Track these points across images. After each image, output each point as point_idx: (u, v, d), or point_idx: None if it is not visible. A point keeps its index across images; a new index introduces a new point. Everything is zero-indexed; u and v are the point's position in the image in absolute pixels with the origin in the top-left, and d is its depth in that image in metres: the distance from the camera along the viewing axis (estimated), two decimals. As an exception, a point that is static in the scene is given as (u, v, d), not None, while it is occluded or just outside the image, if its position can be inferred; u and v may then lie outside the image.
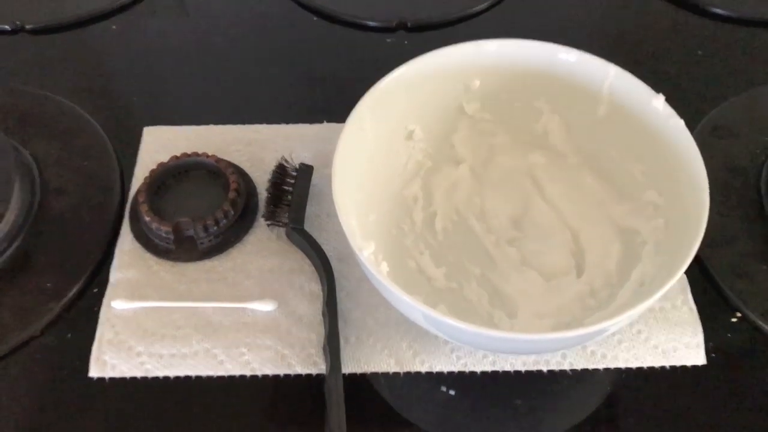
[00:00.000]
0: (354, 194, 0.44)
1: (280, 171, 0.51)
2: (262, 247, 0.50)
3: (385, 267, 0.42)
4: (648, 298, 0.37)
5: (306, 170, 0.52)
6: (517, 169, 0.51)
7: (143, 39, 0.64)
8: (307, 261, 0.49)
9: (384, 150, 0.48)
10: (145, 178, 0.51)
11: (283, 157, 0.52)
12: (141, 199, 0.49)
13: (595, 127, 0.49)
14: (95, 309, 0.47)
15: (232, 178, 0.50)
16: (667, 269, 0.39)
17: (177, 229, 0.48)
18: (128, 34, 0.64)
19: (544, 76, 0.49)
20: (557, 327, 0.43)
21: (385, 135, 0.48)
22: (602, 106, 0.48)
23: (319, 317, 0.46)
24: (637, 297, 0.40)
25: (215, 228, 0.49)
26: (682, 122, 0.43)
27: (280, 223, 0.49)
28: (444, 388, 0.43)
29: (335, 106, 0.57)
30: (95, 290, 0.48)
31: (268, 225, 0.49)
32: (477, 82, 0.49)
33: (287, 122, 0.56)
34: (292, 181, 0.51)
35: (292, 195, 0.50)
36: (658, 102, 0.44)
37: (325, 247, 0.48)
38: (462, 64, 0.49)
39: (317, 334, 0.45)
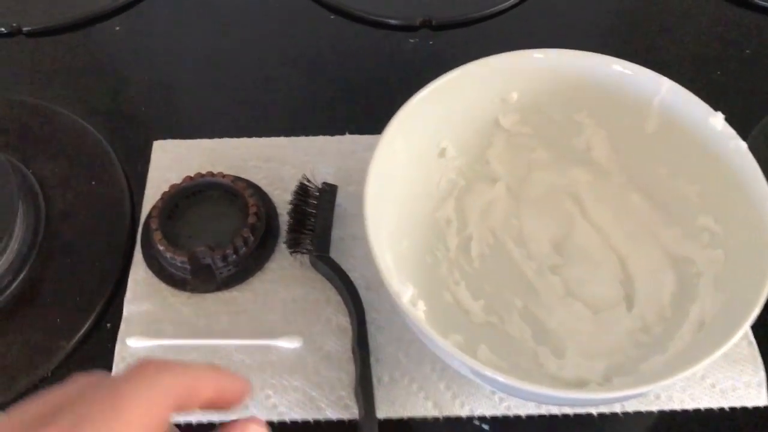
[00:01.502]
0: (387, 224, 0.40)
1: (302, 192, 0.47)
2: (284, 274, 0.46)
3: (422, 307, 0.39)
4: (714, 349, 0.33)
5: (329, 190, 0.48)
6: (556, 187, 0.47)
7: (150, 41, 0.60)
8: (334, 290, 0.46)
9: (415, 170, 0.44)
10: (157, 202, 0.47)
11: (304, 176, 0.48)
12: (153, 225, 0.46)
13: (642, 143, 0.45)
14: (109, 346, 0.44)
15: (251, 200, 0.47)
16: (732, 312, 0.35)
17: (193, 258, 0.45)
18: (133, 36, 0.60)
19: (588, 88, 0.45)
20: (610, 369, 0.39)
21: (417, 154, 0.44)
22: (651, 122, 0.44)
23: (349, 354, 0.43)
24: (699, 343, 0.37)
25: (234, 256, 0.45)
26: (744, 145, 0.40)
27: (304, 251, 0.46)
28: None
29: (358, 116, 0.54)
30: (108, 325, 0.45)
31: (291, 253, 0.46)
32: (515, 95, 0.46)
33: (306, 133, 0.53)
34: (315, 202, 0.47)
35: (315, 219, 0.47)
36: (716, 121, 0.41)
37: (353, 275, 0.45)
38: (500, 75, 0.45)
39: (347, 373, 0.42)
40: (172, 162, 0.51)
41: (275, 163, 0.51)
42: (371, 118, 0.53)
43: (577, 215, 0.46)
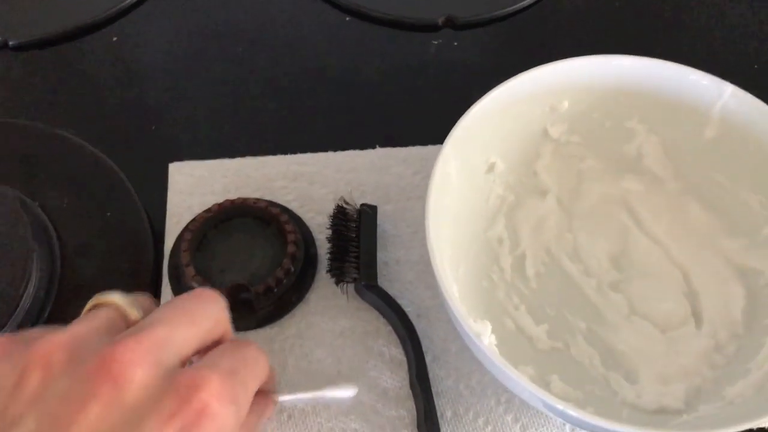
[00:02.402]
0: (446, 252, 0.38)
1: (341, 215, 0.44)
2: (328, 305, 0.43)
3: (493, 341, 0.36)
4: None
5: (370, 212, 0.45)
6: (609, 198, 0.45)
7: (152, 52, 0.55)
8: (382, 319, 0.43)
9: (466, 190, 0.42)
10: (185, 233, 0.43)
11: (342, 198, 0.45)
12: (184, 261, 0.42)
13: (699, 150, 0.43)
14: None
15: (288, 227, 0.43)
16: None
17: (231, 295, 0.42)
18: (133, 47, 0.55)
19: (640, 93, 0.43)
20: (689, 394, 0.38)
21: (468, 174, 0.41)
22: (710, 128, 0.42)
23: (407, 389, 0.40)
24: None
25: (276, 290, 0.42)
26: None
27: (350, 280, 0.43)
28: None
29: (387, 126, 0.51)
30: (141, 372, 0.41)
31: (337, 283, 0.43)
32: (566, 103, 0.43)
33: (334, 148, 0.49)
34: (355, 225, 0.44)
35: (358, 244, 0.44)
36: (784, 126, 0.39)
37: (400, 302, 0.42)
38: (550, 85, 0.42)
39: (408, 410, 0.40)
40: (192, 186, 0.47)
41: (304, 182, 0.48)
42: (402, 128, 0.51)
43: (633, 227, 0.44)
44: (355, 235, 0.44)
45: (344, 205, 0.45)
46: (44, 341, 0.26)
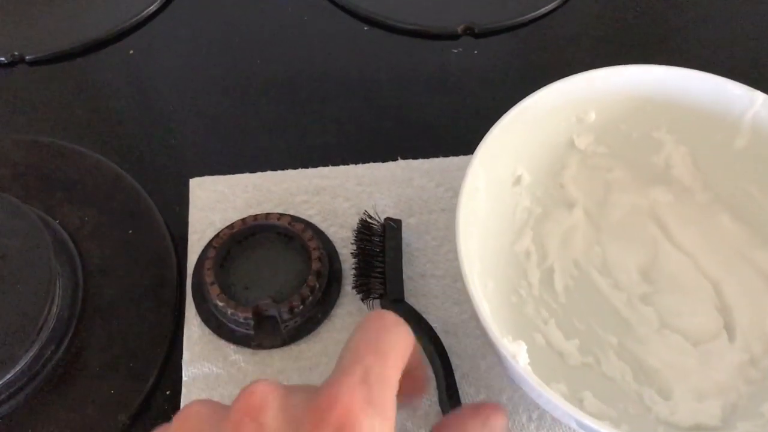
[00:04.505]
0: (476, 268, 0.37)
1: (365, 230, 0.44)
2: (353, 321, 0.43)
3: (525, 359, 0.36)
4: None
5: (395, 227, 0.44)
6: (638, 209, 0.45)
7: (170, 64, 0.54)
8: (409, 335, 0.42)
9: (493, 204, 0.41)
10: (209, 251, 0.43)
11: (366, 212, 0.44)
12: (209, 279, 0.42)
13: (729, 160, 0.42)
14: (171, 416, 0.39)
15: (312, 244, 0.43)
16: None
17: (257, 313, 0.41)
18: (151, 60, 0.55)
19: (668, 103, 0.42)
20: (726, 410, 0.37)
21: (495, 187, 0.41)
22: (741, 138, 0.41)
23: (436, 407, 0.40)
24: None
25: (301, 307, 0.42)
26: None
27: (376, 296, 0.42)
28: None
29: (409, 137, 0.51)
30: (167, 392, 0.41)
31: (363, 300, 0.42)
32: (593, 114, 0.42)
33: (355, 160, 0.49)
34: (378, 240, 0.44)
35: (383, 260, 0.43)
36: (818, 136, 0.38)
37: (428, 317, 0.42)
38: (577, 96, 0.42)
39: (438, 428, 0.39)
40: (214, 202, 0.47)
41: (326, 196, 0.47)
42: (423, 139, 0.50)
43: (662, 239, 0.44)
44: (380, 249, 0.43)
45: (368, 220, 0.44)
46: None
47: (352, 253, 0.43)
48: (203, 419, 0.26)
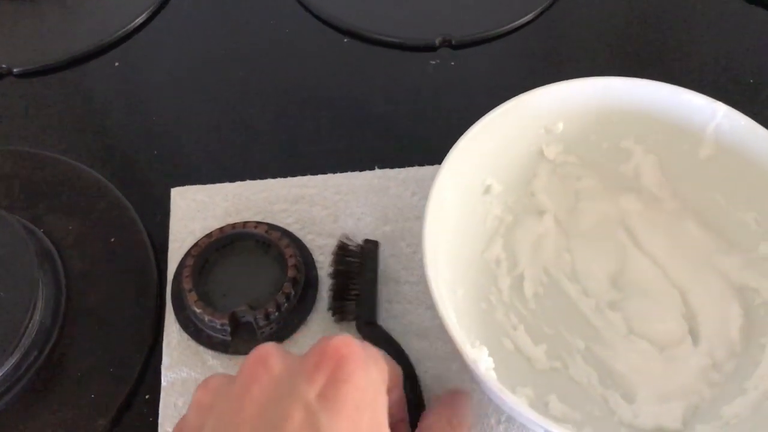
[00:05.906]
0: (443, 277, 0.38)
1: (342, 252, 0.44)
2: (328, 328, 0.44)
3: (490, 364, 0.37)
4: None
5: (371, 249, 0.45)
6: (607, 217, 0.46)
7: (154, 76, 0.56)
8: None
9: (462, 213, 0.42)
10: (187, 259, 0.44)
11: (344, 235, 0.45)
12: (187, 286, 0.43)
13: (695, 169, 0.43)
14: (150, 419, 0.41)
15: (288, 251, 0.44)
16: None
17: (233, 319, 0.42)
18: (135, 72, 0.56)
19: (636, 115, 0.43)
20: (687, 413, 0.38)
21: (463, 197, 0.42)
22: (706, 148, 0.42)
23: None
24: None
25: (277, 314, 0.43)
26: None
27: (351, 318, 0.43)
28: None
29: (385, 147, 0.52)
30: (146, 396, 0.42)
31: (337, 323, 0.43)
32: (560, 125, 0.44)
33: (333, 170, 0.49)
34: (357, 260, 0.44)
35: (358, 282, 0.44)
36: (777, 146, 0.39)
37: (402, 321, 0.43)
38: (545, 107, 0.43)
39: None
40: (194, 211, 0.48)
41: (305, 204, 0.48)
42: (400, 149, 0.51)
43: (631, 246, 0.45)
44: (356, 270, 0.44)
45: (346, 242, 0.45)
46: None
47: (329, 274, 0.44)
48: (222, 381, 0.31)
